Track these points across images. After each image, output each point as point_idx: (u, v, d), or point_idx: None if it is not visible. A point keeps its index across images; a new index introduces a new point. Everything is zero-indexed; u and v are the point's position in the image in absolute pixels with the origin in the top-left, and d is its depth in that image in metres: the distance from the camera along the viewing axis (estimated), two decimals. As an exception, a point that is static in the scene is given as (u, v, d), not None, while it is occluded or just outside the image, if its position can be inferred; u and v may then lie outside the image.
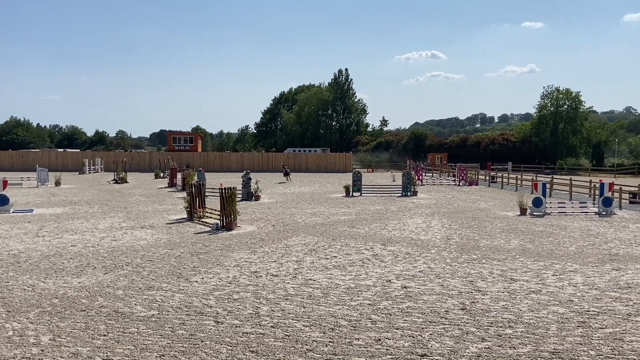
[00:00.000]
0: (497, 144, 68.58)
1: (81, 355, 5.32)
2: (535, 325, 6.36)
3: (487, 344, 5.73)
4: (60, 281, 8.32)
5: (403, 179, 25.65)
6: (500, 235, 13.39)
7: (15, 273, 8.83)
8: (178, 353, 5.41)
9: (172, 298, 7.42)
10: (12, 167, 50.89)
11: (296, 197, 23.70)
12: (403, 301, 7.35)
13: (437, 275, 8.92)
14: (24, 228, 13.92)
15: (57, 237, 12.48)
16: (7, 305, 6.98)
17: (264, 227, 14.34)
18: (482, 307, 7.08)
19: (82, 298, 7.37)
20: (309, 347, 5.61)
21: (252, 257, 10.39)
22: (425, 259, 10.33)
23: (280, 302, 7.24)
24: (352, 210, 18.80)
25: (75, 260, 9.94)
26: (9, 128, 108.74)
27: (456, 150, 68.31)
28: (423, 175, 35.78)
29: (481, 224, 15.46)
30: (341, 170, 54.25)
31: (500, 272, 9.20)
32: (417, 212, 18.23)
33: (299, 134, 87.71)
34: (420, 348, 5.61)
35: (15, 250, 10.81)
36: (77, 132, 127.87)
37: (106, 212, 17.47)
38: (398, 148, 76.78)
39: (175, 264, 9.63)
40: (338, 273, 9.03)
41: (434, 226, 14.87)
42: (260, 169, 53.18)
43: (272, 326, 6.26)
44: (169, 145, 61.78)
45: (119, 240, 12.21)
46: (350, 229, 14.13)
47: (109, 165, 48.14)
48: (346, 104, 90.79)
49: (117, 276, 8.67)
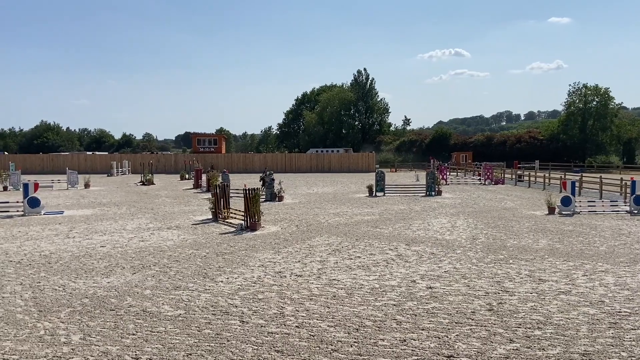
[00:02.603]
0: (523, 142, 67.42)
1: (111, 354, 5.43)
2: (565, 327, 6.22)
3: (515, 345, 5.63)
4: (90, 281, 8.51)
5: (427, 178, 25.42)
6: (527, 234, 13.15)
7: (46, 273, 9.06)
8: (205, 352, 5.47)
9: (198, 298, 7.50)
10: (43, 170, 52.29)
11: (319, 198, 23.72)
12: (428, 302, 7.28)
13: (463, 276, 8.80)
14: (55, 229, 14.28)
15: (86, 238, 12.76)
16: (39, 305, 7.17)
17: (288, 228, 14.39)
18: (509, 308, 6.96)
19: (111, 298, 7.52)
20: (334, 347, 5.61)
21: (276, 257, 10.44)
22: (451, 259, 10.22)
23: (305, 302, 7.26)
24: (376, 210, 18.72)
25: (104, 260, 10.15)
26: (39, 132, 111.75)
27: (481, 149, 67.41)
28: (447, 175, 35.40)
29: (508, 223, 15.21)
30: (364, 170, 54.09)
31: (528, 273, 9.03)
32: (442, 212, 18.04)
33: (321, 134, 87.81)
34: (447, 349, 5.54)
35: (46, 251, 11.09)
36: (105, 135, 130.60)
37: (134, 214, 17.79)
38: (421, 147, 76.18)
39: (201, 264, 9.75)
40: (362, 273, 9.00)
41: (459, 226, 14.69)
42: (283, 170, 53.43)
43: (297, 326, 6.27)
44: (194, 147, 62.57)
45: (146, 240, 12.42)
46: (373, 229, 14.07)
47: (136, 168, 49.03)
48: (368, 104, 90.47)
49: (145, 276, 8.82)
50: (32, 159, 55.75)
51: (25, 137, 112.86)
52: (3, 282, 8.44)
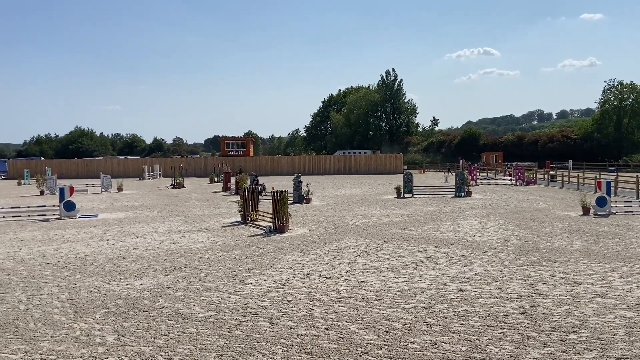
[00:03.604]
0: (556, 142, 65.87)
1: (144, 355, 5.54)
2: (601, 330, 6.05)
3: (550, 349, 5.50)
4: (124, 283, 8.70)
5: (456, 179, 25.10)
6: (561, 236, 12.84)
7: (82, 275, 9.32)
8: (235, 353, 5.53)
9: (228, 299, 7.59)
10: (78, 175, 53.81)
11: (347, 200, 23.69)
12: (459, 304, 7.18)
13: (495, 278, 8.65)
14: (90, 232, 14.67)
15: (120, 241, 13.07)
16: (75, 306, 7.37)
17: (316, 230, 14.42)
18: (543, 311, 6.81)
19: (144, 299, 7.67)
20: (364, 349, 5.59)
21: (304, 259, 10.47)
22: (482, 261, 10.06)
23: (334, 304, 7.26)
24: (404, 211, 18.58)
25: (137, 262, 10.37)
26: (74, 137, 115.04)
27: (512, 149, 66.17)
28: (477, 175, 34.87)
29: (541, 224, 14.88)
30: (391, 171, 53.77)
31: (563, 275, 8.82)
32: (472, 213, 17.77)
33: (348, 135, 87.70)
34: (479, 353, 5.46)
35: (82, 254, 11.41)
36: (137, 140, 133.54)
37: (165, 216, 18.13)
38: (450, 148, 75.25)
39: (231, 266, 9.86)
40: (391, 275, 8.95)
41: (490, 227, 14.45)
42: (310, 172, 53.57)
43: (326, 328, 6.28)
44: (223, 151, 63.39)
45: (177, 243, 12.64)
46: (402, 231, 13.97)
47: (166, 171, 49.99)
48: (396, 105, 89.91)
49: (177, 278, 8.97)
50: (67, 164, 57.47)
51: (60, 143, 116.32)
52: (41, 283, 8.72)
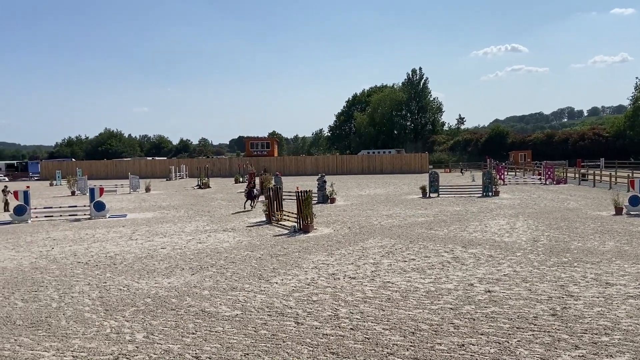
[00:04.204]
0: (587, 140, 64.29)
1: (172, 352, 5.62)
2: (634, 333, 5.86)
3: (581, 352, 5.36)
4: (152, 281, 8.85)
5: (483, 178, 24.72)
6: (593, 236, 12.51)
7: (111, 274, 9.51)
8: (261, 352, 5.56)
9: (254, 299, 7.64)
10: (107, 175, 55.04)
11: (371, 199, 23.59)
12: (487, 306, 7.06)
13: (524, 279, 8.48)
14: (119, 232, 14.97)
15: (148, 240, 13.29)
16: (105, 304, 7.53)
17: (340, 230, 14.39)
18: (574, 313, 6.64)
19: (172, 298, 7.78)
20: (390, 350, 5.55)
21: (329, 259, 10.46)
22: (510, 262, 9.87)
23: (359, 305, 7.22)
24: (430, 211, 18.39)
25: (165, 262, 10.53)
26: (103, 139, 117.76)
27: (541, 148, 64.88)
28: (505, 175, 34.29)
29: (571, 224, 14.53)
30: (417, 170, 53.33)
31: (595, 276, 8.58)
32: (500, 213, 17.47)
33: (372, 135, 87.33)
34: (508, 355, 5.35)
35: (111, 253, 11.65)
36: (164, 141, 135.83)
37: (191, 216, 18.37)
38: (477, 147, 74.19)
39: (256, 266, 9.92)
40: (417, 276, 8.86)
41: (518, 227, 14.18)
42: (334, 172, 53.54)
43: (352, 328, 6.25)
44: (247, 151, 63.93)
45: (203, 242, 12.78)
46: (428, 231, 13.83)
47: (192, 172, 50.70)
48: (421, 104, 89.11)
49: (203, 277, 9.08)
50: (97, 165, 58.87)
51: (90, 144, 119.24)
52: (72, 282, 8.93)
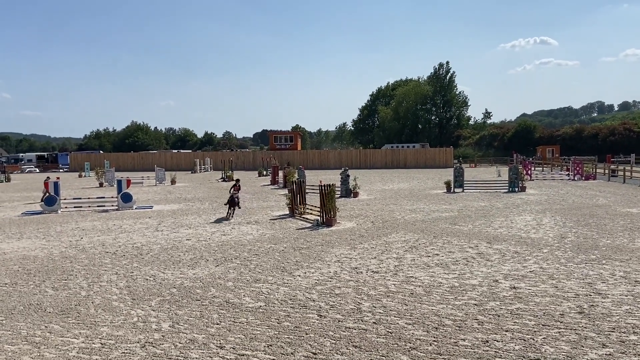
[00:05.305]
0: (617, 135, 62.60)
1: (197, 342, 5.71)
2: (667, 334, 5.71)
3: (609, 350, 5.26)
4: (178, 272, 9.00)
5: (510, 173, 24.32)
6: (622, 233, 12.20)
7: (138, 264, 9.70)
8: (284, 344, 5.61)
9: (277, 291, 7.70)
10: (134, 168, 56.05)
11: (395, 194, 23.46)
12: (512, 302, 6.97)
13: (550, 276, 8.34)
14: (145, 223, 15.25)
15: (174, 232, 13.51)
16: (132, 293, 7.69)
17: (363, 224, 14.37)
18: (602, 311, 6.50)
19: (196, 288, 7.91)
20: (412, 345, 5.53)
21: (352, 253, 10.46)
22: (537, 258, 9.71)
23: (382, 299, 7.21)
24: (454, 206, 18.19)
25: (190, 253, 10.69)
26: (130, 132, 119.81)
27: (570, 143, 63.47)
28: (532, 170, 33.66)
29: (600, 221, 14.20)
30: (441, 165, 52.78)
31: (624, 274, 8.38)
32: (526, 209, 17.18)
33: (396, 129, 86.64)
34: (533, 352, 5.28)
35: (138, 244, 11.88)
36: (189, 134, 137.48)
37: (216, 209, 18.58)
38: (503, 141, 72.98)
39: (279, 258, 9.99)
40: (440, 271, 8.80)
41: (545, 224, 13.93)
42: (358, 166, 53.41)
43: (374, 322, 6.25)
44: (271, 144, 64.23)
45: (227, 234, 12.93)
46: (452, 226, 13.69)
47: (217, 165, 51.26)
48: (446, 97, 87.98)
49: (227, 268, 9.19)
50: (124, 157, 59.98)
51: (118, 137, 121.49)
52: (100, 271, 9.15)
